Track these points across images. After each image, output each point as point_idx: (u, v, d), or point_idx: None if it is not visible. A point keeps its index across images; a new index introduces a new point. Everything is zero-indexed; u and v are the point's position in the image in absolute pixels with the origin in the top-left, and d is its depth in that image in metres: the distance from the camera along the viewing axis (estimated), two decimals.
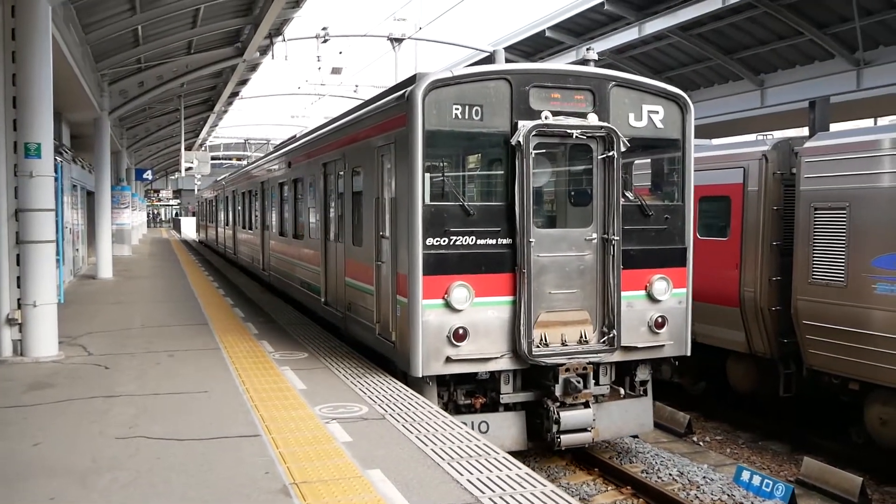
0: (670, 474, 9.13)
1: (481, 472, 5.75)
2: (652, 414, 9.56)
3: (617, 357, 8.82)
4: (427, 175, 8.28)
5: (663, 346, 9.04)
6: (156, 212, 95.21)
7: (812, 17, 18.65)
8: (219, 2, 17.33)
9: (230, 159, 69.21)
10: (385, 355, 9.33)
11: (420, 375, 8.18)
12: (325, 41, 23.20)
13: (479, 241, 8.34)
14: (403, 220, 8.48)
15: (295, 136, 18.90)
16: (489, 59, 17.27)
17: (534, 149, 8.40)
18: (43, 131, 9.94)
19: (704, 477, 9.06)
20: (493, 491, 5.38)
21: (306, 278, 13.94)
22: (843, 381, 10.00)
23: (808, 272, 10.20)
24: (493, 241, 8.38)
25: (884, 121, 24.94)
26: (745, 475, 8.97)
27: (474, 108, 8.34)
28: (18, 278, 9.90)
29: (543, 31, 23.26)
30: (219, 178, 35.61)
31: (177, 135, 37.61)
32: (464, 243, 8.31)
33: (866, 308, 9.42)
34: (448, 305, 8.19)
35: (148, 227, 70.30)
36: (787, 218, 10.85)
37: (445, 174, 8.82)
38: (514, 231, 8.37)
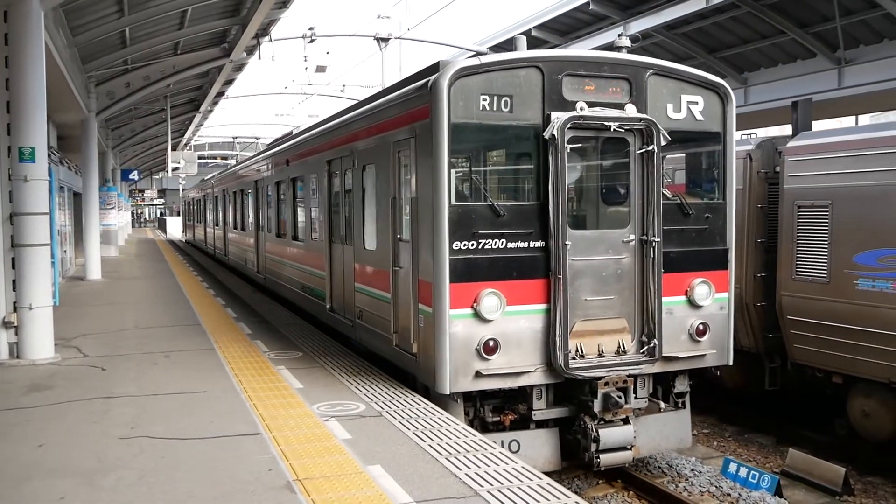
0: (659, 467, 9.34)
1: (479, 467, 5.92)
2: (690, 427, 9.07)
3: (657, 368, 8.24)
4: (452, 172, 7.63)
5: (704, 355, 8.49)
6: (139, 211, 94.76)
7: (794, 17, 18.93)
8: (206, 3, 17.41)
9: (215, 158, 69.11)
10: (405, 369, 8.70)
11: (447, 392, 7.53)
12: (312, 41, 23.26)
13: (509, 245, 7.67)
14: (426, 222, 7.79)
15: (291, 132, 18.00)
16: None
17: (568, 143, 7.72)
18: (37, 135, 10.01)
19: (692, 469, 9.28)
20: (491, 484, 5.55)
21: (308, 283, 13.22)
22: (827, 374, 10.24)
23: (791, 269, 10.43)
24: (525, 245, 7.73)
25: (865, 118, 25.35)
26: (732, 467, 9.20)
27: (503, 99, 7.65)
28: (14, 281, 9.97)
29: (529, 30, 23.37)
30: (207, 178, 35.24)
31: (162, 135, 37.61)
32: (493, 247, 7.62)
33: (848, 303, 9.66)
34: (477, 315, 7.52)
35: (132, 227, 69.97)
36: (771, 216, 11.07)
37: (473, 171, 8.11)
38: (547, 233, 7.73)
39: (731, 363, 8.79)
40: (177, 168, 28.04)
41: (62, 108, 19.99)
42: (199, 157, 44.61)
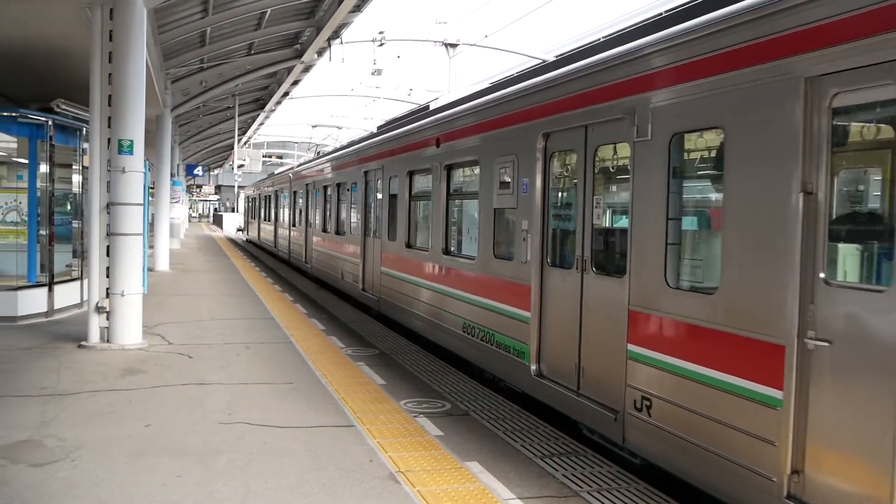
0: None
1: (575, 469, 6.03)
2: None
3: None
4: None
5: None
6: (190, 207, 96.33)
7: None
8: (284, 5, 17.88)
9: (270, 157, 70.28)
10: None
11: None
12: (382, 45, 23.63)
13: None
14: None
15: (426, 106, 13.66)
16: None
17: None
18: (135, 129, 10.41)
19: None
20: (590, 486, 5.66)
21: (483, 323, 9.05)
22: None
23: None
24: None
25: None
26: None
27: None
28: (108, 268, 10.36)
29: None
30: (280, 171, 34.43)
31: (224, 132, 38.48)
32: None
33: None
34: None
35: (188, 221, 71.32)
36: None
37: None
38: None
39: None
40: (242, 165, 28.60)
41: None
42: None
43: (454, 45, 23.18)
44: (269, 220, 33.74)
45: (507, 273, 8.43)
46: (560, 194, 7.72)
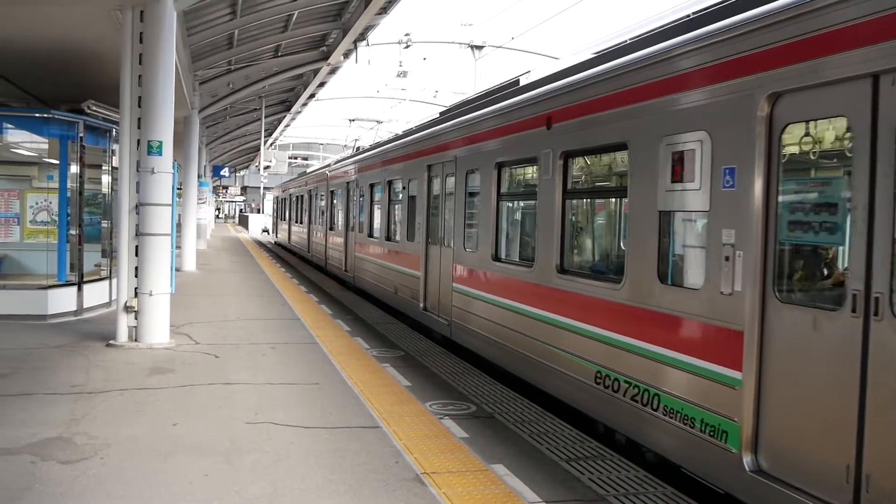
0: None
1: (601, 472, 5.98)
2: None
3: None
4: None
5: None
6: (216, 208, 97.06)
7: None
8: (311, 7, 18.00)
9: (296, 159, 70.74)
10: None
11: None
12: (408, 47, 23.72)
13: None
14: None
15: (517, 81, 10.70)
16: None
17: None
18: (164, 130, 10.50)
19: None
20: (617, 490, 5.61)
21: (636, 375, 6.38)
22: None
23: None
24: None
25: None
26: None
27: None
28: (136, 268, 10.47)
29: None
30: (312, 170, 33.58)
31: (250, 133, 38.77)
32: None
33: None
34: None
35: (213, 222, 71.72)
36: None
37: None
38: None
39: None
40: (268, 166, 28.79)
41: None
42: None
43: (480, 47, 23.18)
44: (300, 223, 31.14)
45: (689, 307, 5.73)
46: (805, 188, 5.01)
